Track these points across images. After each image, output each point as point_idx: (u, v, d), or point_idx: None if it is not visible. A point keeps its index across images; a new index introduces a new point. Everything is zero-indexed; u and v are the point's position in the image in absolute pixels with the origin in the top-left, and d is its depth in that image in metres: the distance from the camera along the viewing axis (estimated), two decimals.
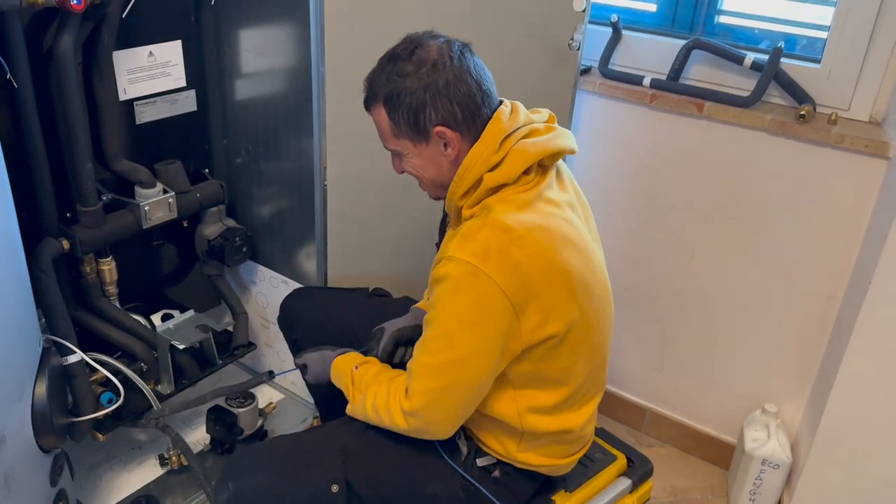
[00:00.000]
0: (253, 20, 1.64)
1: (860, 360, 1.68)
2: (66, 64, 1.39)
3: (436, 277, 1.16)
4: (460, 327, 1.14)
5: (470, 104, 1.16)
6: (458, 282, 1.12)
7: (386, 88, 1.17)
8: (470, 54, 1.19)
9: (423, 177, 1.25)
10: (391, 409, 1.24)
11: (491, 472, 1.33)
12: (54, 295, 1.47)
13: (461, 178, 1.19)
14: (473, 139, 1.19)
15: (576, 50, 1.78)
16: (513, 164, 1.16)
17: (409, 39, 1.19)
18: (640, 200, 2.07)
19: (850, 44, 1.71)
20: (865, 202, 1.74)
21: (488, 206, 1.17)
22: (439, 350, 1.17)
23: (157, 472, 1.78)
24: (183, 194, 1.70)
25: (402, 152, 1.23)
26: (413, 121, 1.17)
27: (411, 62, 1.15)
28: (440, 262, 1.16)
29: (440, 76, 1.14)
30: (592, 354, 1.26)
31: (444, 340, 1.16)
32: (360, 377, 1.32)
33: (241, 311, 1.96)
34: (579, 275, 1.18)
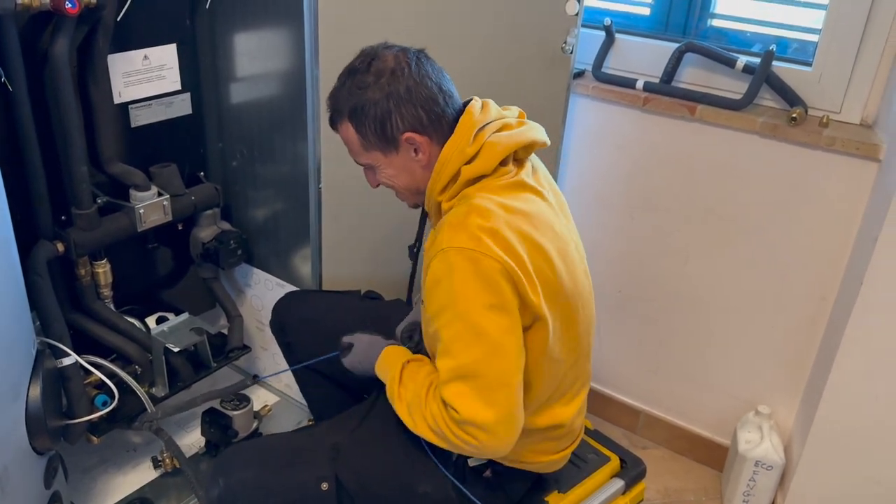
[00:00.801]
0: (247, 24, 1.65)
1: (852, 361, 1.69)
2: (62, 67, 1.39)
3: (435, 277, 1.13)
4: (481, 313, 1.10)
5: (434, 106, 1.18)
6: (463, 270, 1.10)
7: (349, 103, 1.18)
8: (426, 59, 1.20)
9: (397, 186, 1.27)
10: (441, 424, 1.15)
11: (482, 472, 1.34)
12: (49, 297, 1.47)
13: (438, 174, 1.20)
14: (442, 140, 1.20)
15: (569, 53, 1.79)
16: (488, 155, 1.18)
17: (364, 53, 1.20)
18: (634, 203, 2.08)
19: (840, 47, 1.73)
20: (857, 204, 1.75)
21: (467, 194, 1.18)
22: (469, 345, 1.12)
23: (152, 475, 1.77)
24: (178, 197, 1.70)
25: (375, 164, 1.24)
26: (380, 131, 1.18)
27: (370, 73, 1.17)
28: (436, 257, 1.13)
29: (400, 83, 1.16)
30: (574, 343, 1.26)
31: (471, 333, 1.11)
32: (410, 377, 1.25)
33: (236, 314, 1.96)
34: (561, 259, 1.19)
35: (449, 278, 1.12)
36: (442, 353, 1.15)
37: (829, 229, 1.81)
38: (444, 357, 1.14)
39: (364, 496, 1.30)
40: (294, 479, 1.29)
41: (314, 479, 1.28)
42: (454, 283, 1.11)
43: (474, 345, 1.12)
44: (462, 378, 1.12)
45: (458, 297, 1.11)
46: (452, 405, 1.13)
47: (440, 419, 1.15)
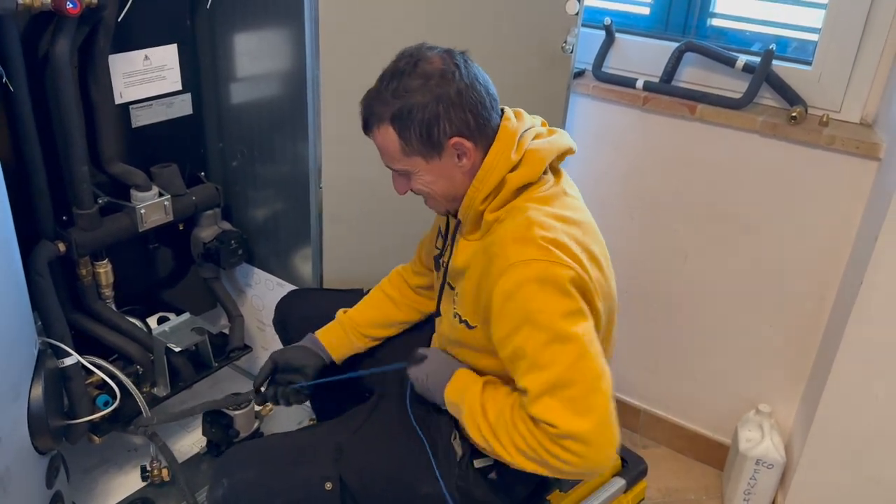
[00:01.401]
0: (248, 24, 1.65)
1: (852, 359, 1.69)
2: (63, 68, 1.40)
3: (507, 292, 1.10)
4: (563, 320, 1.08)
5: (482, 111, 1.15)
6: (539, 281, 1.08)
7: (393, 107, 1.13)
8: (471, 61, 1.17)
9: (434, 192, 1.21)
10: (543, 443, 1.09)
11: (488, 473, 1.34)
12: (50, 297, 1.47)
13: (482, 182, 1.17)
14: (485, 146, 1.17)
15: (569, 53, 1.79)
16: (533, 163, 1.16)
17: (407, 55, 1.15)
18: (634, 202, 2.08)
19: (840, 46, 1.73)
20: (856, 203, 1.75)
21: (518, 207, 1.15)
22: (559, 352, 1.08)
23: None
24: (178, 197, 1.70)
25: (412, 170, 1.19)
26: (426, 135, 1.13)
27: (417, 76, 1.12)
28: (505, 274, 1.09)
29: (451, 86, 1.12)
30: (610, 348, 1.28)
31: (558, 341, 1.08)
32: (489, 402, 1.18)
33: (237, 314, 1.96)
34: (607, 266, 1.21)
35: (522, 292, 1.09)
36: (529, 369, 1.09)
37: (828, 228, 1.81)
38: (532, 371, 1.09)
39: (367, 496, 1.30)
40: (298, 478, 1.29)
41: (318, 479, 1.28)
42: (529, 295, 1.08)
43: (563, 351, 1.08)
44: (555, 388, 1.07)
45: (537, 308, 1.08)
46: (547, 420, 1.07)
47: (532, 439, 1.09)
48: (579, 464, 1.07)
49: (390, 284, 1.57)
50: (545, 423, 1.07)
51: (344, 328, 1.51)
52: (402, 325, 1.55)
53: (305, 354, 1.48)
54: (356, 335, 1.51)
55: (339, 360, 1.51)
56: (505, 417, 1.14)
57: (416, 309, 1.54)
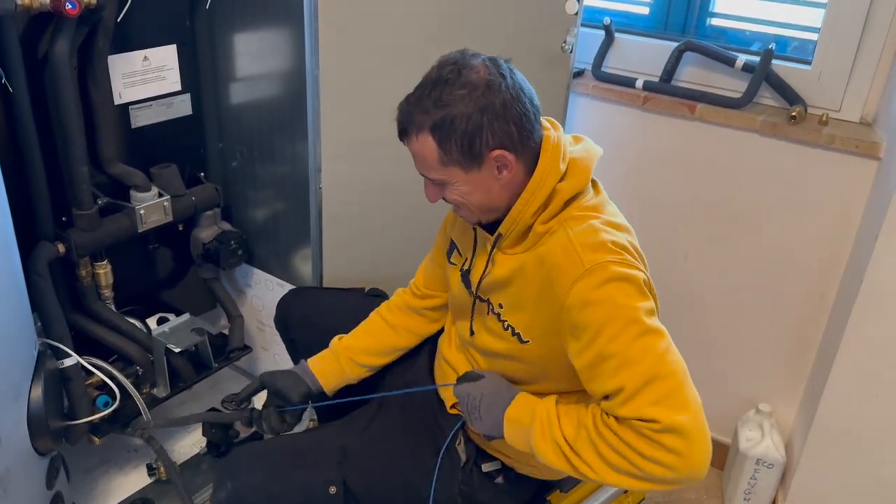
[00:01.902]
0: (247, 24, 1.65)
1: (852, 359, 1.69)
2: (62, 68, 1.39)
3: (586, 298, 1.07)
4: (648, 317, 1.07)
5: (526, 123, 1.11)
6: (617, 281, 1.07)
7: (434, 116, 1.09)
8: (516, 70, 1.13)
9: (470, 203, 1.17)
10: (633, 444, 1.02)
11: (494, 477, 1.33)
12: (50, 298, 1.47)
13: (533, 195, 1.13)
14: (527, 158, 1.14)
15: (568, 53, 1.79)
16: (578, 172, 1.15)
17: (449, 62, 1.11)
18: (634, 202, 2.08)
19: (840, 45, 1.73)
20: (856, 202, 1.75)
21: (572, 217, 1.14)
22: (650, 344, 1.05)
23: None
24: (178, 198, 1.70)
25: (450, 181, 1.14)
26: (468, 147, 1.09)
27: (461, 85, 1.08)
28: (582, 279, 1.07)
29: (496, 97, 1.08)
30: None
31: (648, 334, 1.05)
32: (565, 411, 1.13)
33: (237, 314, 1.96)
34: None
35: (604, 293, 1.06)
36: (619, 367, 1.04)
37: (829, 227, 1.81)
38: (624, 368, 1.04)
39: (371, 499, 1.30)
40: (302, 482, 1.29)
41: (321, 483, 1.28)
42: (612, 295, 1.06)
43: (653, 344, 1.05)
44: (652, 381, 1.03)
45: (622, 307, 1.06)
46: (646, 416, 1.01)
47: (623, 447, 1.03)
48: (678, 465, 1.00)
49: (389, 310, 1.51)
50: (644, 422, 1.01)
51: (337, 357, 1.46)
52: (399, 351, 1.50)
53: (294, 382, 1.43)
54: (349, 365, 1.45)
55: (330, 392, 1.46)
56: (587, 430, 1.07)
57: (415, 333, 1.50)
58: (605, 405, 1.07)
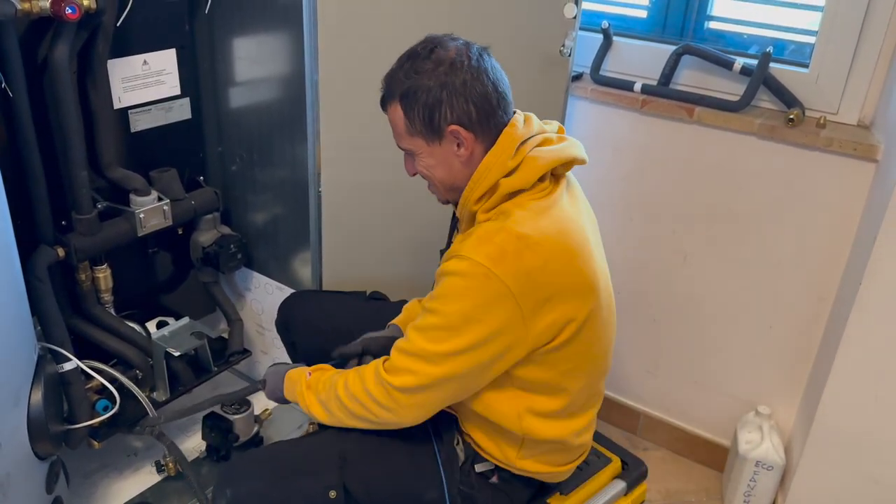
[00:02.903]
0: (247, 28, 1.65)
1: (851, 360, 1.70)
2: (62, 73, 1.40)
3: (446, 271, 1.16)
4: (465, 324, 1.14)
5: (485, 105, 1.17)
6: (469, 280, 1.12)
7: (403, 86, 1.18)
8: (488, 56, 1.20)
9: (433, 177, 1.25)
10: (367, 383, 1.23)
11: (489, 478, 1.34)
12: (49, 302, 1.47)
13: (476, 183, 1.19)
14: (487, 142, 1.19)
15: (567, 56, 1.79)
16: (528, 170, 1.17)
17: (429, 39, 1.20)
18: (633, 205, 2.09)
19: (837, 48, 1.74)
20: (855, 204, 1.76)
21: (505, 210, 1.17)
22: (437, 339, 1.16)
23: (153, 479, 1.77)
24: (178, 202, 1.70)
25: (415, 151, 1.23)
26: (428, 118, 1.17)
27: (430, 60, 1.16)
28: (452, 259, 1.16)
29: (457, 75, 1.15)
30: (594, 363, 1.27)
31: (446, 332, 1.15)
32: (315, 379, 1.34)
33: (236, 318, 1.96)
34: (590, 283, 1.19)
35: (454, 278, 1.14)
36: (417, 325, 1.20)
37: (827, 230, 1.81)
38: (416, 330, 1.20)
39: (372, 503, 1.30)
40: (302, 487, 1.29)
41: (322, 488, 1.28)
42: (456, 284, 1.14)
43: (440, 340, 1.16)
44: (416, 356, 1.18)
45: (452, 297, 1.15)
46: (395, 365, 1.20)
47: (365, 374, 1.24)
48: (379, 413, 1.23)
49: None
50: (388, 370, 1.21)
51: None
52: None
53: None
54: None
55: None
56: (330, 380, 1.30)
57: None
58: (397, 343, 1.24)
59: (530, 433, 1.26)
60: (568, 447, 1.33)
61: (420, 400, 1.21)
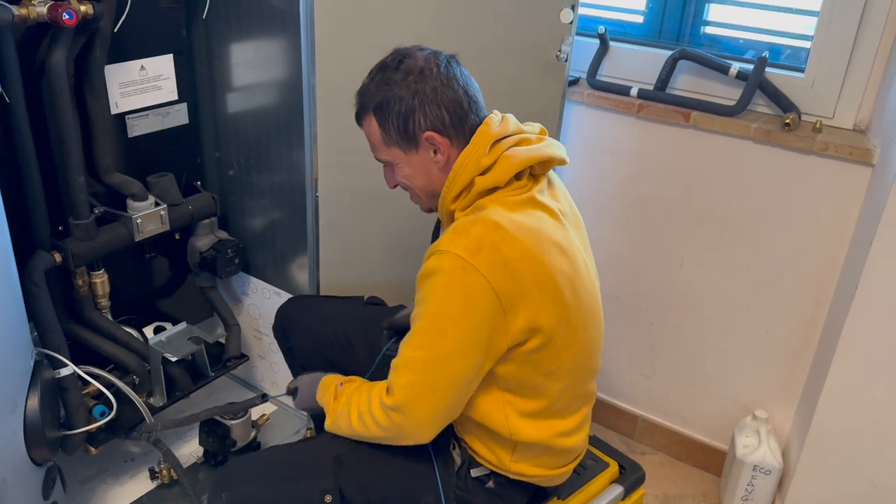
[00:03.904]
0: (244, 34, 1.66)
1: (848, 364, 1.70)
2: (59, 78, 1.40)
3: (426, 272, 1.17)
4: (449, 321, 1.14)
5: (457, 109, 1.20)
6: (448, 275, 1.13)
7: (376, 98, 1.20)
8: (456, 64, 1.23)
9: (414, 186, 1.27)
10: (372, 407, 1.23)
11: (485, 482, 1.34)
12: (46, 308, 1.47)
13: (452, 182, 1.21)
14: (463, 145, 1.21)
15: (564, 61, 1.80)
16: (503, 168, 1.19)
17: (397, 51, 1.23)
18: (629, 209, 2.09)
19: (833, 53, 1.74)
20: (851, 208, 1.76)
21: (481, 205, 1.19)
22: (425, 344, 1.17)
23: (150, 486, 1.77)
24: (175, 207, 1.70)
25: (393, 161, 1.25)
26: (403, 127, 1.20)
27: (399, 71, 1.19)
28: (431, 257, 1.16)
29: (427, 83, 1.18)
30: (577, 362, 1.26)
31: (432, 335, 1.16)
32: (342, 391, 1.33)
33: (234, 323, 1.96)
34: (567, 279, 1.18)
35: (434, 277, 1.14)
36: (405, 340, 1.20)
37: (823, 233, 1.82)
38: (404, 344, 1.20)
39: None
40: (297, 492, 1.29)
41: (317, 492, 1.28)
42: (437, 283, 1.14)
43: (430, 345, 1.16)
44: (409, 369, 1.19)
45: (434, 297, 1.15)
46: (392, 385, 1.20)
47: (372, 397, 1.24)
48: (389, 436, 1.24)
49: None
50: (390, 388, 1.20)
51: None
52: None
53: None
54: None
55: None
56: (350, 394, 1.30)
57: None
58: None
59: (518, 435, 1.25)
60: (561, 450, 1.32)
61: (423, 413, 1.19)
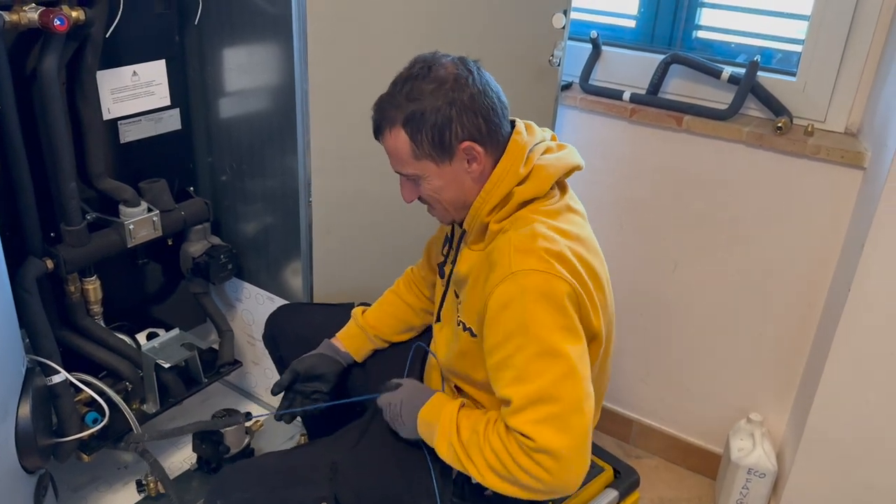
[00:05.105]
0: (236, 39, 1.66)
1: (842, 366, 1.70)
2: (50, 84, 1.39)
3: (503, 301, 1.10)
4: (557, 335, 1.09)
5: (493, 117, 1.16)
6: (534, 292, 1.09)
7: (406, 110, 1.14)
8: (483, 69, 1.19)
9: (442, 199, 1.21)
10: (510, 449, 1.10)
11: (483, 490, 1.33)
12: (38, 315, 1.46)
13: (489, 193, 1.18)
14: (496, 153, 1.19)
15: (556, 66, 1.80)
16: (541, 178, 1.18)
17: (421, 60, 1.17)
18: (623, 213, 2.09)
19: (824, 57, 1.75)
20: (843, 211, 1.77)
21: (522, 218, 1.17)
22: (548, 367, 1.09)
23: (138, 497, 1.76)
24: (167, 212, 1.70)
25: (422, 175, 1.19)
26: (438, 139, 1.14)
27: (430, 80, 1.14)
28: (505, 281, 1.10)
29: (464, 91, 1.13)
30: (604, 367, 1.29)
31: (549, 355, 1.09)
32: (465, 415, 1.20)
33: (227, 329, 1.95)
34: (607, 283, 1.22)
35: (520, 301, 1.09)
36: (515, 380, 1.10)
37: (816, 236, 1.82)
38: (518, 384, 1.09)
39: None
40: (293, 498, 1.28)
41: (313, 500, 1.27)
42: (526, 305, 1.09)
43: (553, 366, 1.08)
44: (539, 402, 1.08)
45: (532, 320, 1.09)
46: (527, 433, 1.07)
47: (504, 454, 1.10)
48: (548, 481, 1.08)
49: (407, 289, 1.57)
50: (522, 436, 1.08)
51: (366, 335, 1.53)
52: (417, 330, 1.57)
53: (325, 361, 1.50)
54: (378, 341, 1.54)
55: (362, 360, 1.54)
56: (478, 434, 1.15)
57: (430, 313, 1.53)
58: (502, 410, 1.14)
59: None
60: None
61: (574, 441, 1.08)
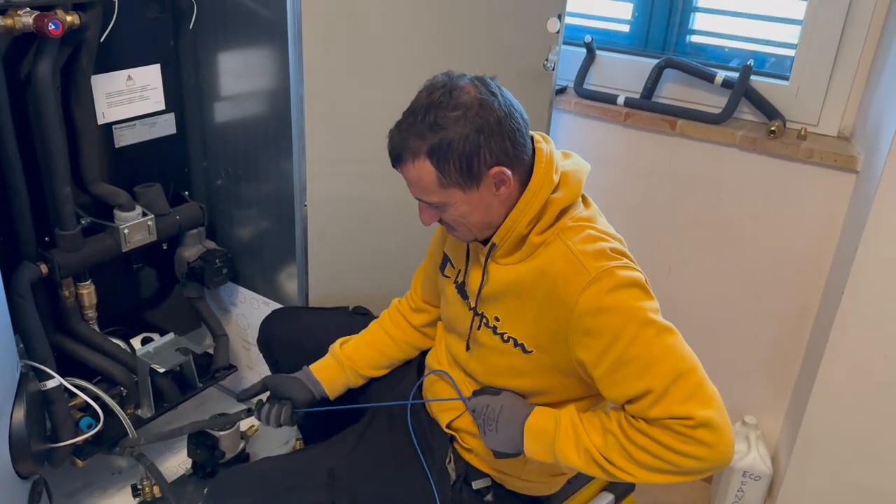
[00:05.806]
0: (231, 43, 1.66)
1: (836, 369, 1.71)
2: (45, 88, 1.39)
3: (597, 306, 1.09)
4: (658, 315, 1.11)
5: (519, 137, 1.12)
6: (625, 284, 1.10)
7: (431, 140, 1.09)
8: (502, 87, 1.15)
9: (469, 222, 1.17)
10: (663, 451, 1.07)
11: (484, 495, 1.33)
12: (32, 319, 1.45)
13: (528, 205, 1.15)
14: (523, 172, 1.15)
15: (551, 70, 1.81)
16: (571, 184, 1.17)
17: (438, 85, 1.11)
18: (616, 216, 2.07)
19: (817, 61, 1.76)
20: (836, 215, 1.78)
21: (568, 227, 1.16)
22: (668, 346, 1.09)
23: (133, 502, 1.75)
24: (162, 217, 1.70)
25: (448, 202, 1.14)
26: (466, 167, 1.10)
27: (454, 107, 1.08)
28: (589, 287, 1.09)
29: (491, 115, 1.09)
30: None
31: (664, 333, 1.09)
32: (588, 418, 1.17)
33: (222, 334, 1.95)
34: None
35: (615, 298, 1.09)
36: (644, 369, 1.07)
37: (809, 240, 1.83)
38: (649, 370, 1.07)
39: None
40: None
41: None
42: (622, 300, 1.09)
43: (672, 341, 1.09)
44: (678, 379, 1.06)
45: (634, 310, 1.09)
46: (680, 414, 1.05)
47: (656, 447, 1.07)
48: (710, 455, 1.06)
49: (391, 322, 1.52)
50: (677, 419, 1.05)
51: (342, 366, 1.47)
52: (398, 363, 1.52)
53: (297, 386, 1.45)
54: (353, 375, 1.48)
55: (334, 397, 1.48)
56: (615, 436, 1.12)
57: (414, 346, 1.51)
58: (632, 409, 1.10)
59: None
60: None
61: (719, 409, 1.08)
